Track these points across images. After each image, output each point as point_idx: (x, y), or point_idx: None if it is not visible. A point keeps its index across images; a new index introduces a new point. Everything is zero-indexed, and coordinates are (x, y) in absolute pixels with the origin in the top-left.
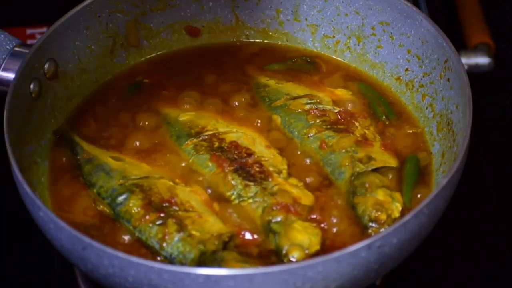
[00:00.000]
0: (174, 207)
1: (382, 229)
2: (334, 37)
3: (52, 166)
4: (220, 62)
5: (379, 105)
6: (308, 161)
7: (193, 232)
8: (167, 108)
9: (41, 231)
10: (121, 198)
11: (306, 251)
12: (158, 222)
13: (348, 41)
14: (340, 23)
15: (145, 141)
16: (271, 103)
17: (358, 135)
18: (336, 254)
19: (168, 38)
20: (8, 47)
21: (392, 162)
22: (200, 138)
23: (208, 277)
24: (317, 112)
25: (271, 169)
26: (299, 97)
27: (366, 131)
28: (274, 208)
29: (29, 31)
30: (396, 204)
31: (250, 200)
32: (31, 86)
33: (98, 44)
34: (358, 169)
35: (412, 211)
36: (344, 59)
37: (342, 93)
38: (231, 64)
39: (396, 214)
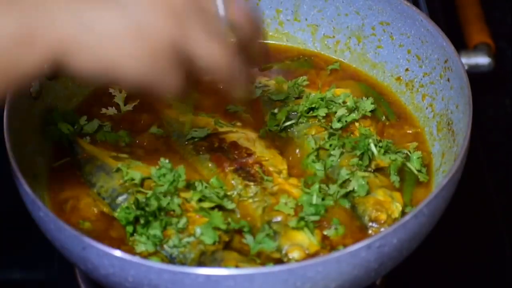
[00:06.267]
0: None
1: (382, 229)
2: (334, 37)
3: (52, 166)
4: None
5: (379, 105)
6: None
7: (194, 232)
8: (167, 108)
9: (41, 231)
10: (121, 198)
11: (306, 251)
12: None
13: (348, 41)
14: (340, 23)
15: (145, 141)
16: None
17: (358, 135)
18: (336, 254)
19: None
20: None
21: None
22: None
23: (208, 277)
24: None
25: (271, 169)
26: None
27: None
28: (274, 208)
29: None
30: (396, 204)
31: (250, 200)
32: (31, 86)
33: None
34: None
35: (412, 211)
36: (344, 59)
37: (341, 93)
38: None
39: (396, 214)
